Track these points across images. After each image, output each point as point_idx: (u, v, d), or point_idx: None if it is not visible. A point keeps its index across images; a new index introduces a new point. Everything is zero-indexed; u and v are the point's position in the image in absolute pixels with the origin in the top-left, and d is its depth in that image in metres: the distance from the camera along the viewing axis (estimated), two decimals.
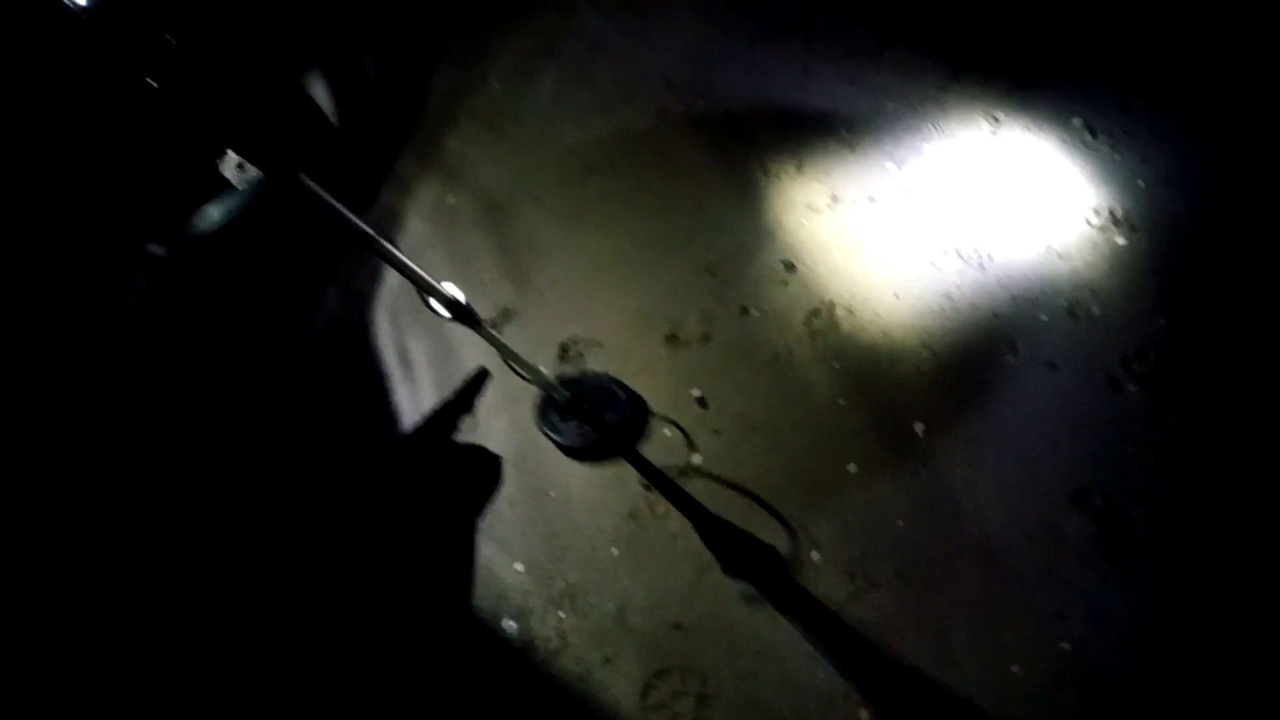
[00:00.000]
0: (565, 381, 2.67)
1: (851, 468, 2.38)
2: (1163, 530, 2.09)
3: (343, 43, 3.51)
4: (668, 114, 3.34)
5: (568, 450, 2.61)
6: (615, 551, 2.41)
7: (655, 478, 2.49)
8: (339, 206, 1.46)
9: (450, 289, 1.79)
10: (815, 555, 2.26)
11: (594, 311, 2.90)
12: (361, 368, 3.02)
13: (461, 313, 1.82)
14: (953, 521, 2.23)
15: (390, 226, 3.34)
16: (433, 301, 1.77)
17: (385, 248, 1.58)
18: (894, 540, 2.24)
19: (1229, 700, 1.86)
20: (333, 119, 3.41)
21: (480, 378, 2.88)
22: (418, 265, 1.65)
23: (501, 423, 2.74)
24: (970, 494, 2.26)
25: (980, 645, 2.04)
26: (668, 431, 2.57)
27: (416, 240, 3.28)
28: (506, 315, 2.96)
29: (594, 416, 2.57)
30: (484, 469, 2.68)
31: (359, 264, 3.26)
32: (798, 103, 3.25)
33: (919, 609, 2.13)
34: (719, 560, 2.30)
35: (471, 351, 2.91)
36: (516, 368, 2.15)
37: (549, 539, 2.48)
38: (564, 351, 2.82)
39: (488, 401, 2.80)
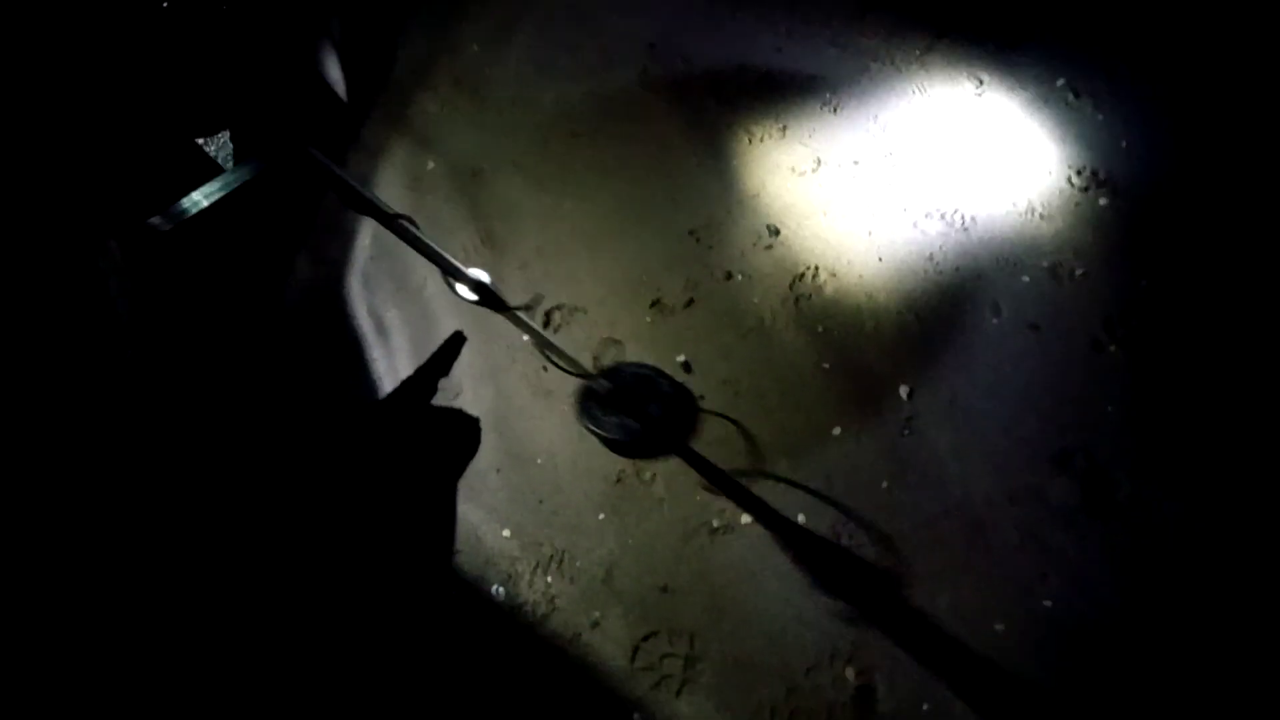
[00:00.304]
0: (606, 372, 2.61)
1: (836, 431, 2.39)
2: (1144, 490, 2.11)
3: (306, 3, 3.42)
4: (650, 78, 3.30)
5: (611, 444, 2.53)
6: (602, 516, 2.42)
7: (715, 477, 2.42)
8: (358, 186, 1.40)
9: (476, 273, 1.70)
10: (801, 518, 2.27)
11: (578, 279, 2.89)
12: (337, 336, 2.99)
13: (489, 297, 1.73)
14: (937, 484, 2.25)
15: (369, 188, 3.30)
16: (458, 286, 1.69)
17: (408, 230, 1.53)
18: (879, 503, 2.26)
19: (1210, 659, 1.89)
20: (340, 92, 3.33)
21: (456, 342, 2.85)
22: (394, 238, 1.61)
23: (487, 391, 2.73)
24: (954, 456, 2.27)
25: (964, 605, 2.06)
26: (720, 426, 2.51)
27: (399, 209, 3.23)
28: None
29: (636, 409, 2.49)
30: (464, 433, 2.66)
31: (331, 233, 3.22)
32: (781, 66, 3.21)
33: (904, 570, 2.15)
34: (814, 579, 2.23)
35: (448, 318, 2.89)
36: (555, 359, 2.05)
37: (536, 505, 2.49)
38: (548, 319, 2.81)
39: (474, 369, 2.79)
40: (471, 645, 2.32)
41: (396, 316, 2.97)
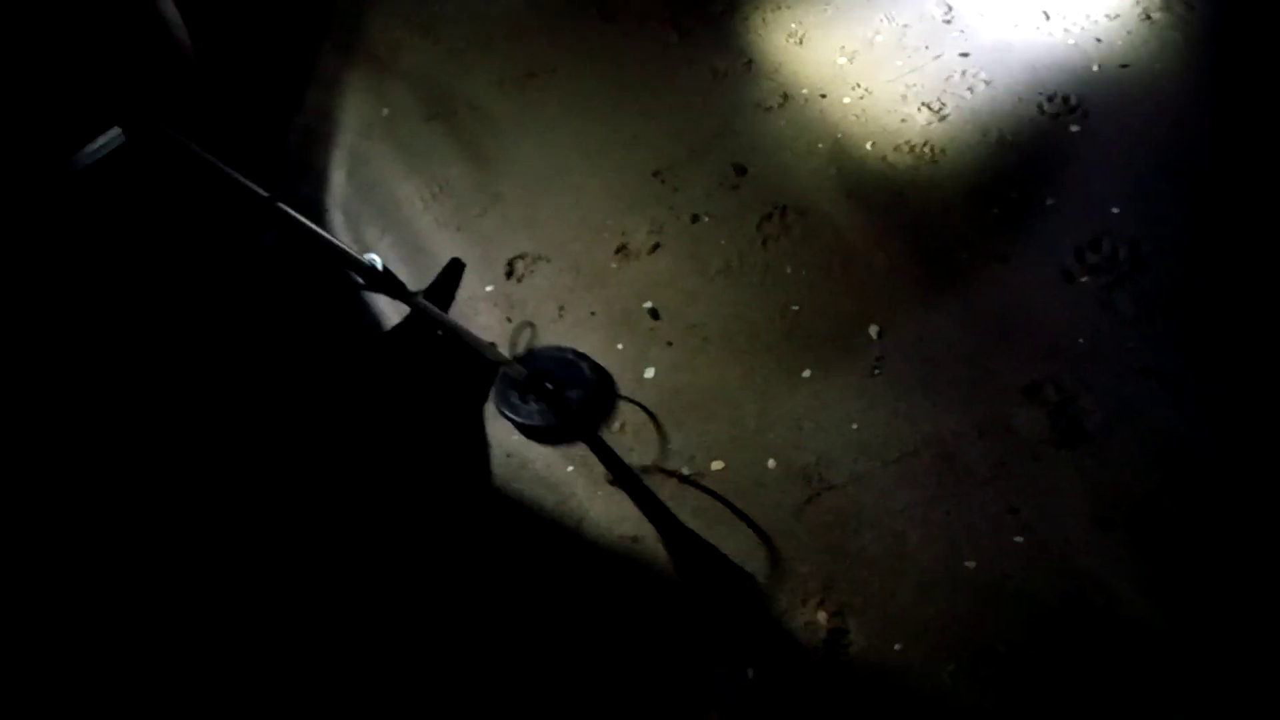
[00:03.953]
0: (523, 357, 2.51)
1: (806, 373, 2.36)
2: (1114, 420, 2.10)
3: None
4: (608, 12, 3.18)
5: (528, 431, 2.42)
6: (570, 469, 2.38)
7: (619, 471, 2.33)
8: (224, 167, 1.22)
9: (370, 258, 1.53)
10: (771, 462, 2.25)
11: (541, 224, 2.81)
12: (326, 275, 2.90)
13: (385, 283, 1.55)
14: (907, 421, 2.22)
15: (323, 132, 3.19)
16: (348, 271, 1.52)
17: (288, 214, 1.36)
18: (849, 443, 2.23)
19: (1184, 583, 1.90)
20: (185, 42, 3.09)
21: (455, 269, 2.75)
22: (352, 187, 1.46)
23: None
24: (923, 393, 2.24)
25: (934, 542, 2.05)
26: (634, 415, 2.42)
27: (350, 155, 3.13)
28: (451, 232, 2.86)
29: (554, 395, 2.38)
30: (475, 362, 2.58)
31: (299, 173, 3.10)
32: None
33: (874, 509, 2.13)
34: (681, 576, 2.17)
35: (444, 247, 2.82)
36: (467, 346, 1.94)
37: (502, 459, 2.45)
38: (511, 268, 2.73)
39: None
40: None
41: (388, 250, 2.86)
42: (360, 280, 1.53)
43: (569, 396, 2.39)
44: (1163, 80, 2.57)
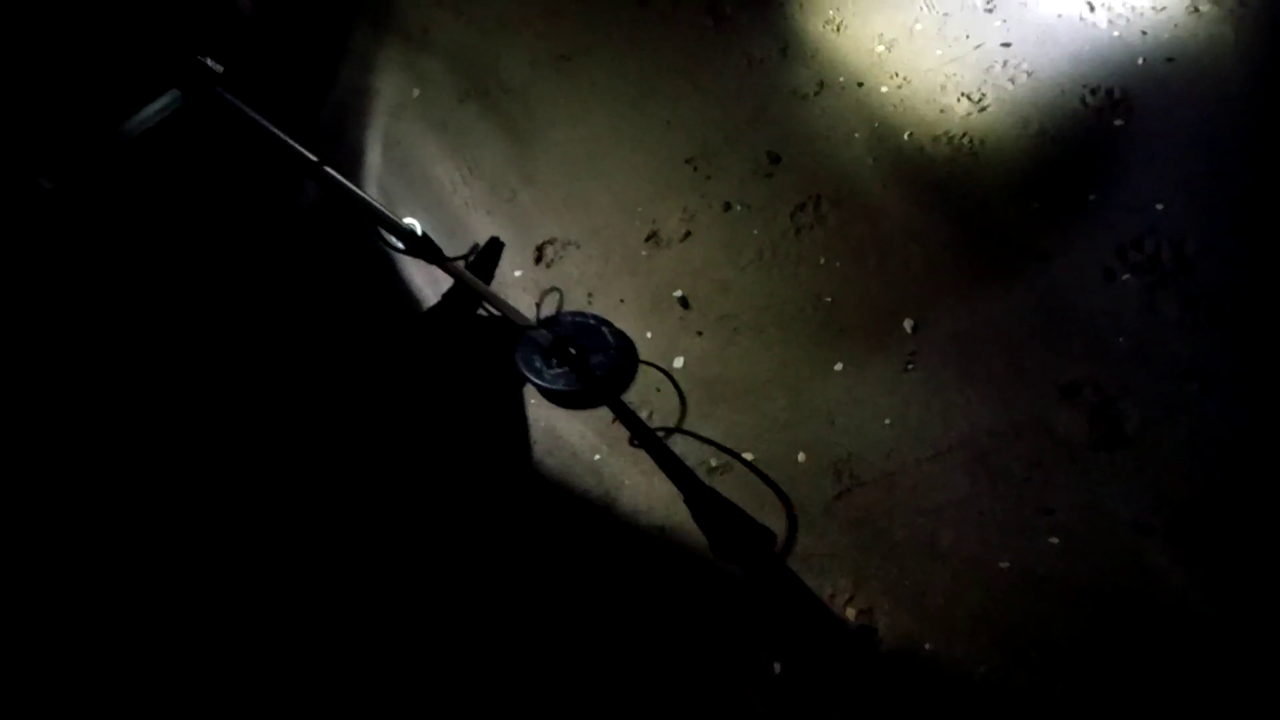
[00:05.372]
0: (547, 321, 2.46)
1: (838, 367, 2.33)
2: (1154, 423, 2.05)
3: None
4: None
5: (547, 394, 2.36)
6: (598, 457, 2.37)
7: (641, 434, 2.17)
8: (273, 128, 1.25)
9: (409, 222, 1.59)
10: (801, 456, 2.23)
11: (571, 210, 2.79)
12: (364, 251, 2.89)
13: (423, 248, 1.61)
14: (941, 418, 2.19)
15: (356, 109, 3.16)
16: (387, 234, 1.59)
17: (334, 177, 1.40)
18: (881, 438, 2.20)
19: (1226, 588, 1.86)
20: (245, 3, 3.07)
21: (494, 247, 2.73)
22: (383, 167, 1.50)
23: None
24: (958, 390, 2.21)
25: (967, 541, 2.02)
26: (657, 384, 2.44)
27: (382, 134, 3.11)
28: (481, 215, 2.84)
29: (578, 360, 2.28)
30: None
31: (333, 147, 3.08)
32: None
33: (906, 506, 2.11)
34: (708, 566, 2.14)
35: (482, 226, 2.81)
36: (496, 309, 1.96)
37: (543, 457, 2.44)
38: (540, 253, 2.71)
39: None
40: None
41: (424, 224, 2.84)
42: (399, 245, 1.59)
43: (592, 361, 2.33)
44: (1210, 75, 2.51)
